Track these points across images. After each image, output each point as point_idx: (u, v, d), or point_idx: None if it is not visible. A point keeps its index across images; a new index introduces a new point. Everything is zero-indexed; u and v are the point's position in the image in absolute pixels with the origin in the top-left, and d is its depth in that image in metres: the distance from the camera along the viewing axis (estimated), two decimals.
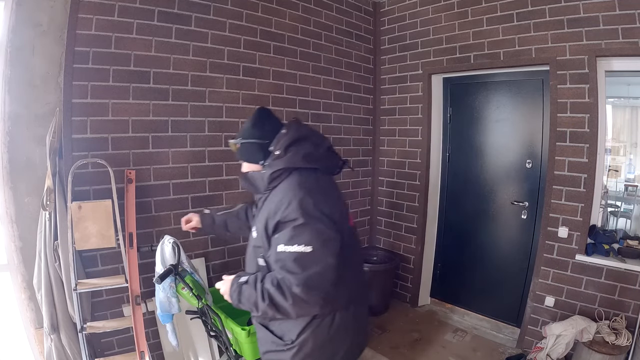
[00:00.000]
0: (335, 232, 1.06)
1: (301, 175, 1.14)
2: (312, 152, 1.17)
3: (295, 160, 1.14)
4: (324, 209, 1.07)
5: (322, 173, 1.21)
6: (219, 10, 2.34)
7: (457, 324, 3.00)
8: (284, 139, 1.18)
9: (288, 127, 1.21)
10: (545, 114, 2.50)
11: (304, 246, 1.01)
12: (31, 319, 1.91)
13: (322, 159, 1.21)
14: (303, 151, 1.16)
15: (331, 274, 1.04)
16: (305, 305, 1.04)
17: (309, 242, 1.02)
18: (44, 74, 1.86)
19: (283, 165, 1.14)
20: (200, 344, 2.24)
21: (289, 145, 1.16)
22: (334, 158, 1.27)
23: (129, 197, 2.00)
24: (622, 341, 2.01)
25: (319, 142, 1.23)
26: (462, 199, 3.06)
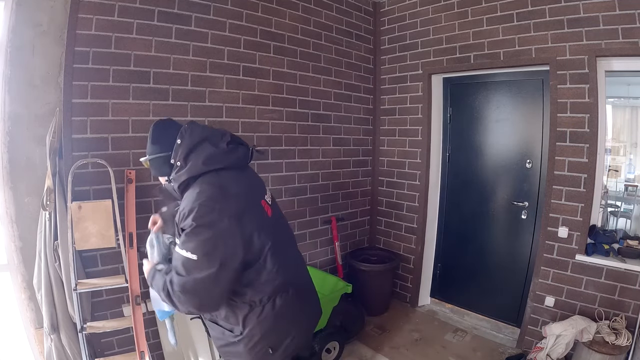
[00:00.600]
0: (226, 239, 1.07)
1: (203, 182, 1.14)
2: (212, 154, 1.17)
3: (196, 168, 1.15)
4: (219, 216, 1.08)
5: (227, 170, 1.20)
6: (219, 10, 2.34)
7: (457, 324, 3.00)
8: (181, 149, 1.17)
9: (181, 136, 1.18)
10: (545, 114, 2.50)
11: (190, 253, 1.06)
12: (31, 319, 1.91)
13: (224, 156, 1.19)
14: (202, 156, 1.16)
15: (210, 280, 1.06)
16: (186, 304, 1.09)
17: (194, 250, 1.05)
18: (44, 74, 1.86)
19: (186, 176, 1.17)
20: (200, 344, 2.23)
21: (187, 155, 1.16)
22: (237, 150, 1.23)
23: (129, 197, 2.00)
24: (622, 341, 2.01)
25: (216, 140, 1.20)
26: (462, 199, 3.06)
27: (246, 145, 1.29)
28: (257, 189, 1.29)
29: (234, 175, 1.20)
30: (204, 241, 1.06)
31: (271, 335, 1.24)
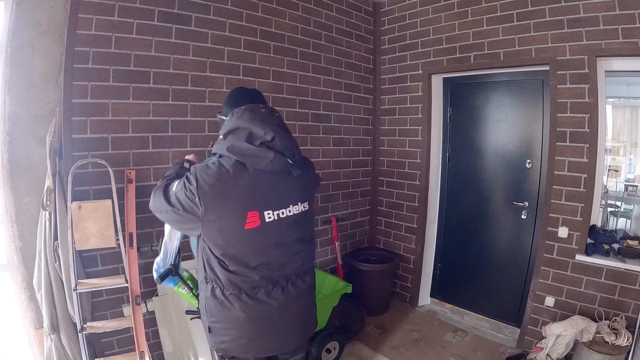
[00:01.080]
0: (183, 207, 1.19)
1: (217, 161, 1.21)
2: (238, 145, 1.19)
3: (222, 149, 1.21)
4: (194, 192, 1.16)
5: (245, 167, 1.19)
6: (219, 10, 2.34)
7: (457, 324, 3.00)
8: (225, 126, 1.26)
9: (231, 115, 1.25)
10: (545, 114, 2.50)
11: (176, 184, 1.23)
12: (31, 319, 1.91)
13: (249, 153, 1.19)
14: (230, 142, 1.20)
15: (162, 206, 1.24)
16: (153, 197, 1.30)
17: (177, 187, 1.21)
18: (44, 74, 1.86)
19: (216, 150, 1.25)
20: (200, 344, 2.24)
21: (227, 133, 1.24)
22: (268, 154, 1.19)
23: (129, 197, 1.99)
24: (622, 341, 2.01)
25: (257, 134, 1.19)
26: (462, 199, 3.06)
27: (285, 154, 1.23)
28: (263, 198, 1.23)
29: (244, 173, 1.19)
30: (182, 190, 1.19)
31: (210, 317, 1.30)
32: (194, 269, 2.37)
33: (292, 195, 1.31)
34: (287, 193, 1.29)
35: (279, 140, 1.21)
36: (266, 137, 1.19)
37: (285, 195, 1.29)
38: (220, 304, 1.26)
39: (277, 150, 1.21)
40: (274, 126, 1.22)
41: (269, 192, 1.24)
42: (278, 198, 1.27)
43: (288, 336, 1.40)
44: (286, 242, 1.31)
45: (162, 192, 1.25)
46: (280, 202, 1.27)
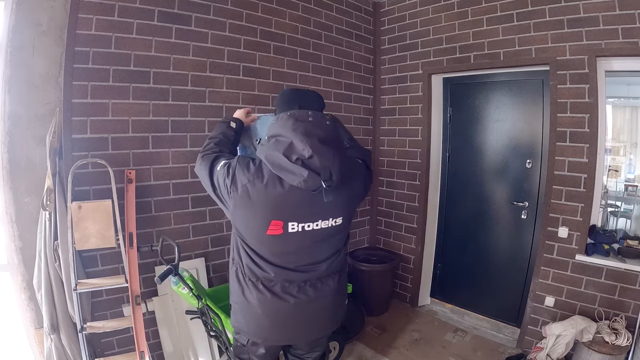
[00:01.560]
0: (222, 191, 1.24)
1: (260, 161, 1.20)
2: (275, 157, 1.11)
3: (261, 154, 1.17)
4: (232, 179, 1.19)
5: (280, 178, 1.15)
6: (219, 10, 2.34)
7: (457, 324, 3.00)
8: (269, 130, 1.17)
9: (276, 119, 1.16)
10: (545, 114, 2.50)
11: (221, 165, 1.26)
12: (31, 319, 1.91)
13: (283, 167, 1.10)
14: (268, 150, 1.13)
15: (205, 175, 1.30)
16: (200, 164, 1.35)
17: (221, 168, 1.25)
18: (44, 74, 1.86)
19: (258, 153, 1.20)
20: (200, 344, 2.24)
21: (269, 138, 1.16)
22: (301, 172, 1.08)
23: (129, 197, 2.00)
24: (622, 341, 2.01)
25: (296, 148, 1.08)
26: (462, 199, 3.06)
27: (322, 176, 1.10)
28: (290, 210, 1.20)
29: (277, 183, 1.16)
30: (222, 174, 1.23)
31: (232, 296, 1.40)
32: (194, 269, 2.38)
33: (323, 212, 1.24)
34: (318, 209, 1.22)
35: (317, 159, 1.08)
36: (304, 153, 1.08)
37: (316, 212, 1.23)
38: (240, 287, 1.34)
39: (313, 170, 1.09)
40: (315, 142, 1.08)
41: (298, 207, 1.20)
42: (307, 213, 1.22)
43: (302, 332, 1.44)
44: (307, 251, 1.30)
45: (210, 163, 1.28)
46: (309, 217, 1.23)
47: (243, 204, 1.19)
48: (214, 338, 1.82)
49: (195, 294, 1.70)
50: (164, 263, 1.75)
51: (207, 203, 2.36)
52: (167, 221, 2.23)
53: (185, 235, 2.31)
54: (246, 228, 1.26)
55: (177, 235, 2.25)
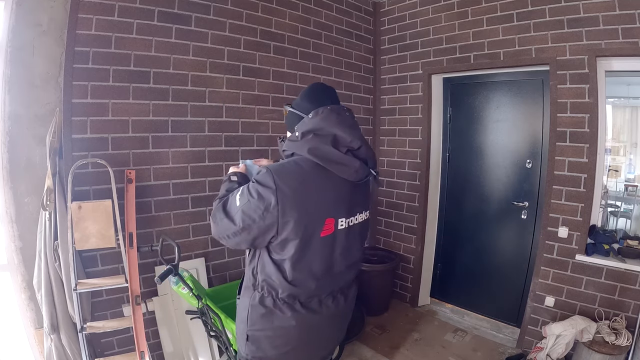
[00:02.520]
0: (260, 217, 1.07)
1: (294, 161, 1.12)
2: (323, 149, 1.10)
3: (301, 149, 1.11)
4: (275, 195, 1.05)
5: (326, 172, 1.11)
6: (219, 10, 2.34)
7: (457, 324, 3.00)
8: (306, 124, 1.14)
9: (315, 114, 1.13)
10: (545, 114, 2.51)
11: (239, 199, 1.11)
12: (31, 319, 1.91)
13: (334, 159, 1.10)
14: (313, 144, 1.10)
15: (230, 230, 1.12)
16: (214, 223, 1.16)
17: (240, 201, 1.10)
18: (44, 74, 1.86)
19: (291, 149, 1.15)
20: (200, 344, 2.24)
21: (306, 132, 1.12)
22: (353, 163, 1.12)
23: (129, 197, 2.00)
24: (622, 341, 2.01)
25: (343, 139, 1.11)
26: (462, 199, 3.06)
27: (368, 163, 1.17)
28: (338, 206, 1.17)
29: (325, 178, 1.12)
30: (249, 202, 1.07)
31: (255, 326, 1.20)
32: (194, 269, 2.38)
33: (360, 203, 1.25)
34: (358, 200, 1.24)
35: (364, 149, 1.15)
36: (352, 145, 1.12)
37: (357, 203, 1.23)
38: (269, 313, 1.18)
39: (362, 159, 1.15)
40: (360, 134, 1.16)
41: (345, 199, 1.18)
42: (351, 205, 1.20)
43: (327, 344, 1.38)
44: (348, 252, 1.25)
45: (222, 212, 1.13)
46: (352, 210, 1.21)
47: (295, 207, 1.07)
48: (214, 338, 1.82)
49: (195, 294, 1.70)
50: (164, 263, 1.75)
51: (207, 203, 2.36)
52: (167, 221, 2.23)
53: (185, 235, 2.31)
54: (294, 240, 1.10)
55: (177, 235, 2.26)
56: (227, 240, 1.15)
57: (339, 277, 1.25)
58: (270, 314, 1.18)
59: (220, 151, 2.41)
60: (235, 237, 1.12)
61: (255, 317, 1.19)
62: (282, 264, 1.14)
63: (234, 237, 1.12)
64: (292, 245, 1.11)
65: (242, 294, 1.24)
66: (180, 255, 1.69)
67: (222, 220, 1.12)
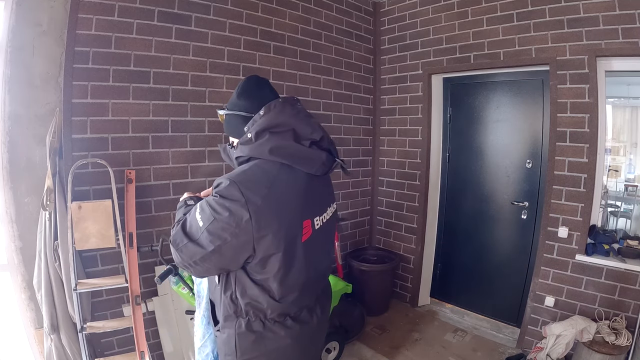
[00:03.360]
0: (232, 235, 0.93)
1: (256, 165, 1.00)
2: (285, 145, 1.00)
3: (261, 151, 0.99)
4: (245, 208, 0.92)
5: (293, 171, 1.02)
6: (219, 10, 2.34)
7: (457, 324, 3.00)
8: (259, 122, 1.01)
9: (268, 110, 1.02)
10: (545, 114, 2.51)
11: (200, 219, 0.96)
12: (31, 319, 1.91)
13: (299, 154, 1.01)
14: (273, 142, 0.99)
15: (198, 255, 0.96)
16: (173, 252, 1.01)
17: (205, 220, 0.95)
18: (44, 74, 1.86)
19: (248, 153, 1.02)
20: None
21: (261, 131, 1.00)
22: (319, 155, 1.05)
23: (129, 197, 2.00)
24: (622, 341, 2.01)
25: (304, 133, 1.02)
26: (462, 199, 3.06)
27: (333, 152, 1.10)
28: (311, 204, 1.08)
29: (297, 179, 1.02)
30: (216, 220, 0.93)
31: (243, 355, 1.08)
32: None
33: (328, 195, 1.17)
34: (325, 194, 1.16)
35: (326, 138, 1.07)
36: (314, 136, 1.03)
37: (325, 196, 1.16)
38: (260, 338, 1.07)
39: (326, 150, 1.07)
40: (318, 123, 1.07)
41: (315, 195, 1.09)
42: (321, 201, 1.12)
43: (317, 352, 1.31)
44: (327, 250, 1.20)
45: (184, 236, 0.98)
46: (323, 205, 1.13)
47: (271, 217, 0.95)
48: None
49: None
50: (164, 263, 1.75)
51: None
52: (167, 221, 2.23)
53: None
54: (275, 254, 0.98)
55: None
56: (195, 268, 0.99)
57: (321, 278, 1.19)
58: (262, 339, 1.07)
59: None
60: (204, 263, 0.97)
61: (245, 346, 1.07)
62: (266, 284, 1.02)
63: (202, 263, 0.97)
64: (275, 260, 0.99)
65: (223, 326, 1.10)
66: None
67: (185, 246, 0.97)
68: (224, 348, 1.11)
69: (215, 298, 1.15)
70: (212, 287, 1.18)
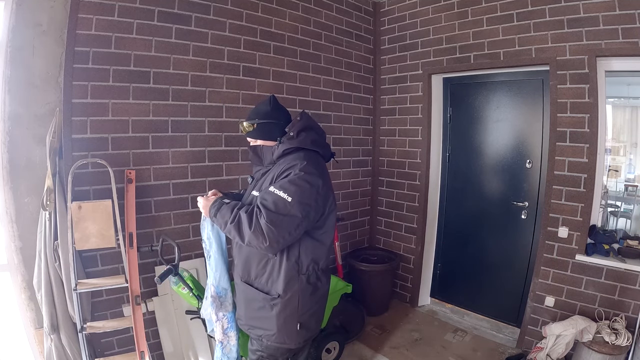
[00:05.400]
0: (315, 200, 1.29)
1: (307, 154, 1.38)
2: (317, 139, 1.44)
3: (305, 142, 1.40)
4: (318, 179, 1.30)
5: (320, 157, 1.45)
6: (219, 10, 2.34)
7: (457, 324, 3.00)
8: (298, 124, 1.42)
9: (301, 116, 1.44)
10: (545, 114, 2.50)
11: (287, 195, 1.25)
12: (31, 319, 1.91)
13: (323, 146, 1.47)
14: (311, 137, 1.42)
15: (293, 224, 1.25)
16: (260, 238, 1.23)
17: (292, 194, 1.25)
18: (44, 74, 1.86)
19: (296, 144, 1.39)
20: (200, 343, 2.24)
21: (300, 130, 1.41)
22: (329, 148, 1.52)
23: (129, 197, 2.00)
24: (622, 341, 2.01)
25: (321, 132, 1.50)
26: (462, 199, 3.06)
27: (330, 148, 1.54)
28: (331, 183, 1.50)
29: (322, 161, 1.46)
30: (302, 191, 1.26)
31: (304, 309, 1.39)
32: (194, 269, 2.38)
33: None
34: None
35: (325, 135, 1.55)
36: (324, 135, 1.52)
37: None
38: (315, 288, 1.41)
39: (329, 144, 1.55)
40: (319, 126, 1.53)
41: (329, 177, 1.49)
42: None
43: None
44: None
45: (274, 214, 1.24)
46: None
47: (329, 187, 1.38)
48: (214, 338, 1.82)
49: (195, 294, 1.70)
50: (164, 263, 1.75)
51: None
52: (167, 221, 2.23)
53: (185, 235, 2.31)
54: (334, 208, 1.43)
55: (177, 235, 2.26)
56: (287, 239, 1.27)
57: None
58: (316, 289, 1.41)
59: (220, 151, 2.41)
60: (297, 230, 1.27)
61: (305, 300, 1.38)
62: (323, 238, 1.39)
63: (296, 231, 1.27)
64: (332, 216, 1.41)
65: (285, 289, 1.36)
66: (180, 255, 1.69)
67: (282, 220, 1.23)
68: (284, 311, 1.37)
69: (264, 273, 1.40)
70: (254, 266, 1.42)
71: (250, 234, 1.23)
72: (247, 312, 1.46)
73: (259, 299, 1.39)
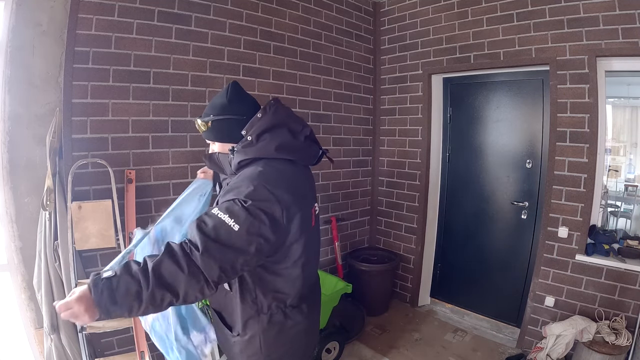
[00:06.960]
0: (272, 233, 0.95)
1: (267, 165, 1.03)
2: (287, 142, 1.07)
3: (267, 150, 1.04)
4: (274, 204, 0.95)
5: (295, 164, 1.10)
6: (219, 10, 2.34)
7: (457, 324, 3.00)
8: (258, 124, 1.06)
9: (264, 111, 1.08)
10: (545, 114, 2.51)
11: (234, 222, 0.91)
12: (31, 319, 1.91)
13: (299, 149, 1.10)
14: (277, 141, 1.05)
15: (238, 260, 0.92)
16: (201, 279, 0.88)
17: (240, 222, 0.91)
18: (44, 74, 1.86)
19: (253, 155, 1.05)
20: None
21: (262, 133, 1.05)
22: (311, 148, 1.15)
23: (129, 197, 2.00)
24: (622, 341, 2.01)
25: (297, 129, 1.10)
26: (462, 199, 3.06)
27: (319, 145, 1.20)
28: (312, 194, 1.19)
29: (299, 172, 1.12)
30: (253, 221, 0.92)
31: (271, 350, 1.12)
32: None
33: (314, 184, 1.28)
34: (313, 183, 1.27)
35: (312, 132, 1.17)
36: (306, 132, 1.13)
37: (314, 185, 1.27)
38: (282, 328, 1.11)
39: (315, 142, 1.18)
40: (302, 119, 1.17)
41: (312, 184, 1.23)
42: (313, 189, 1.23)
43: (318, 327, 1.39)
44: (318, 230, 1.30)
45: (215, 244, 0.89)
46: (314, 192, 1.25)
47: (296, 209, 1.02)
48: None
49: None
50: None
51: None
52: None
53: None
54: (300, 237, 1.05)
55: None
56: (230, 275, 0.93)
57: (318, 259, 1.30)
58: (283, 329, 1.12)
59: None
60: (243, 268, 0.95)
61: (270, 341, 1.11)
62: (287, 272, 1.07)
63: (242, 268, 0.95)
64: (297, 246, 1.05)
65: (245, 329, 1.10)
66: None
67: (223, 252, 0.89)
68: (246, 351, 1.13)
69: (226, 306, 1.16)
70: (219, 297, 1.17)
71: (186, 280, 0.86)
72: (217, 337, 1.32)
73: (224, 331, 1.18)
